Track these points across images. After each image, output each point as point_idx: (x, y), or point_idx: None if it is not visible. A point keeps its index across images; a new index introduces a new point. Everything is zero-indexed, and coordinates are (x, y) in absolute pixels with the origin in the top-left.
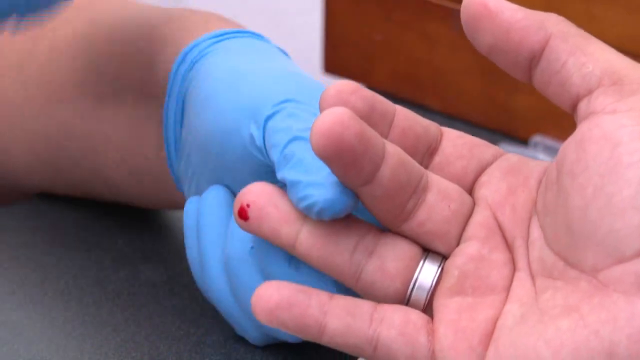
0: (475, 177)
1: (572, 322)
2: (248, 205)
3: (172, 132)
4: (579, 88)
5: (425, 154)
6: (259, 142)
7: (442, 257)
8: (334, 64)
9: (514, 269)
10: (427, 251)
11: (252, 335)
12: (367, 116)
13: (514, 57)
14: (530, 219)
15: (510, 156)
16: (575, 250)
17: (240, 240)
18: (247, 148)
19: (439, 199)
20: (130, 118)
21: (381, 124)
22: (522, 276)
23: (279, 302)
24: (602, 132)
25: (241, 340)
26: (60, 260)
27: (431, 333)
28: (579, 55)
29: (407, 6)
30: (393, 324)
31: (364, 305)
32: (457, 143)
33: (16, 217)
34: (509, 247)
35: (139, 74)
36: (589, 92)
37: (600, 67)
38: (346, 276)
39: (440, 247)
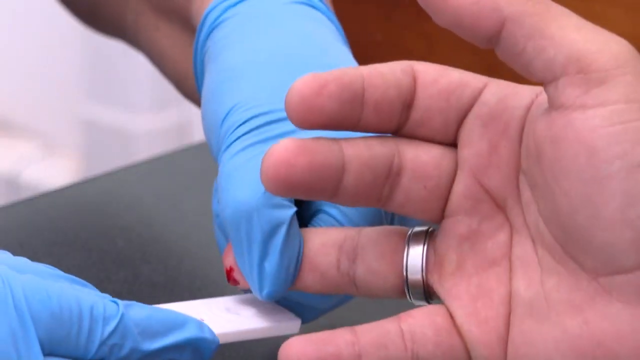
0: (457, 126)
1: (576, 325)
2: (231, 269)
3: (199, 80)
4: (543, 73)
5: (402, 110)
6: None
7: (426, 232)
8: None
9: (510, 229)
10: (410, 230)
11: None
12: (339, 109)
13: (472, 38)
14: (517, 176)
15: (488, 98)
16: (572, 249)
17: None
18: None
19: (414, 181)
20: (180, 39)
21: (353, 106)
22: (521, 240)
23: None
24: (575, 134)
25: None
26: (60, 260)
27: (455, 325)
28: (538, 39)
29: (407, 6)
30: (426, 337)
31: (390, 328)
32: (432, 93)
33: (16, 217)
34: (500, 207)
35: (183, 3)
36: (554, 78)
37: (562, 53)
38: (344, 288)
39: (425, 221)
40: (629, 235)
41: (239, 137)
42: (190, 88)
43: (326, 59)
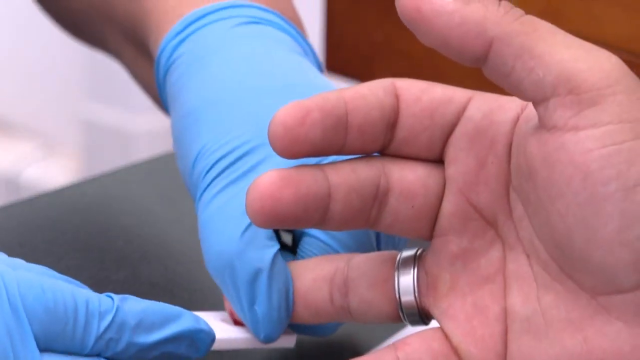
0: (443, 143)
1: (576, 343)
2: (232, 312)
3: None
4: (533, 94)
5: (387, 130)
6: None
7: (414, 255)
8: (334, 64)
9: (502, 246)
10: (399, 255)
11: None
12: (323, 136)
13: (459, 59)
14: (507, 192)
15: (472, 113)
16: (569, 268)
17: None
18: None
19: (401, 201)
20: (150, 68)
21: (337, 132)
22: (515, 256)
23: None
24: (568, 156)
25: None
26: (60, 260)
27: (452, 347)
28: (527, 59)
29: None
30: None
31: (387, 359)
32: (415, 111)
33: (16, 217)
34: (491, 224)
35: (141, 31)
36: (544, 99)
37: (552, 73)
38: (341, 318)
39: (409, 249)
40: (627, 257)
41: (209, 184)
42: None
43: (279, 79)
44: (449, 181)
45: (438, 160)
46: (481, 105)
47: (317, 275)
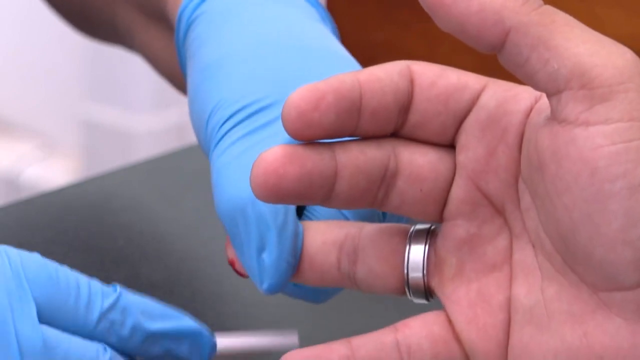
0: (455, 130)
1: (576, 337)
2: (233, 261)
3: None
4: (547, 86)
5: (399, 114)
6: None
7: (428, 230)
8: None
9: (510, 234)
10: (412, 228)
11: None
12: (336, 120)
13: (475, 46)
14: (516, 182)
15: (486, 101)
16: (572, 261)
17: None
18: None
19: (410, 183)
20: (170, 40)
21: (351, 115)
22: (521, 246)
23: None
24: (578, 152)
25: None
26: (60, 260)
27: (454, 333)
28: (542, 51)
29: (407, 6)
30: (422, 350)
31: (386, 340)
32: (430, 96)
33: (16, 217)
34: (499, 212)
35: (161, 6)
36: (557, 91)
37: (566, 66)
38: (345, 285)
39: (423, 222)
40: (629, 255)
41: (225, 134)
42: (186, 86)
43: (297, 40)
44: (459, 167)
45: (449, 145)
46: (495, 94)
47: (327, 238)
